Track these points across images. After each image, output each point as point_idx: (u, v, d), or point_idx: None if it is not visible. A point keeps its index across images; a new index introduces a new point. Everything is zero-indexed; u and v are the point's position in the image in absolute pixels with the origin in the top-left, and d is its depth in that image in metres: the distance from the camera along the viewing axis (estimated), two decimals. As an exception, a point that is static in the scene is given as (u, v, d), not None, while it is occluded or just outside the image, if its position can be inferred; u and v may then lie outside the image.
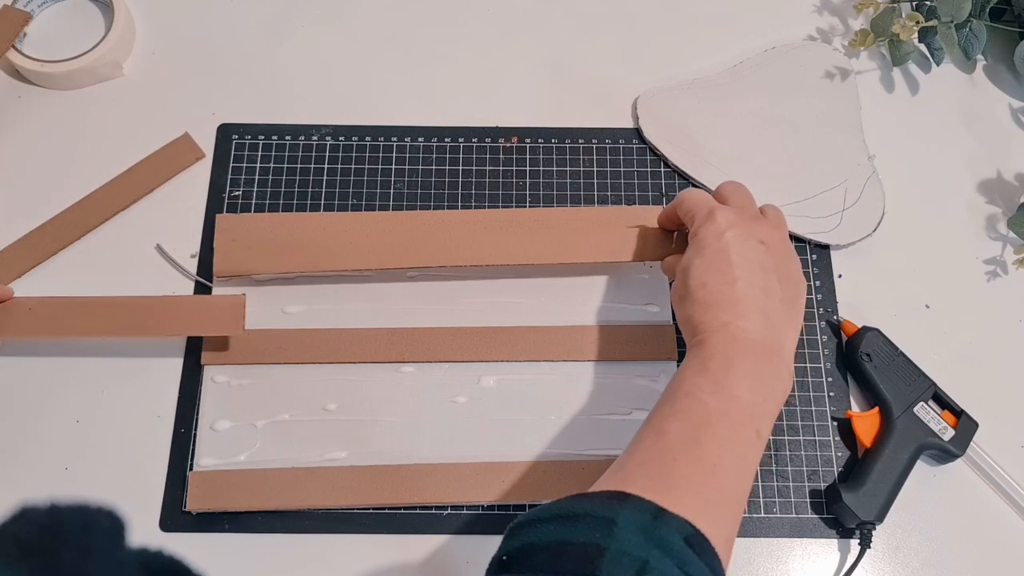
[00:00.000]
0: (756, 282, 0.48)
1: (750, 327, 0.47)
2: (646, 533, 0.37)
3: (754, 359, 0.46)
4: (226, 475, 0.55)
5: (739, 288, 0.48)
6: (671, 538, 0.38)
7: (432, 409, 0.58)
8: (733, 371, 0.45)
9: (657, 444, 0.43)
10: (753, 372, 0.46)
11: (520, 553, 0.38)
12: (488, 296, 0.61)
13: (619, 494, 0.40)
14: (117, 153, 0.65)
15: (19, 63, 0.65)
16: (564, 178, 0.65)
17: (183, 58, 0.69)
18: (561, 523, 0.39)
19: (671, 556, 0.37)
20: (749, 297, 0.48)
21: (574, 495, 0.41)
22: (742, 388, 0.45)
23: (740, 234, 0.50)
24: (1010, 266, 0.63)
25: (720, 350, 0.46)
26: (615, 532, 0.37)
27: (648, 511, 0.39)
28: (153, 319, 0.56)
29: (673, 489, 0.40)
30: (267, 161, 0.65)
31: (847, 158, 0.65)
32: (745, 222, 0.51)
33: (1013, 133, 0.68)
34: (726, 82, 0.68)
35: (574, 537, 0.38)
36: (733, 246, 0.49)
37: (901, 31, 0.65)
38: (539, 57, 0.70)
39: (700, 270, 0.50)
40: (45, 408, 0.57)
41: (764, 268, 0.49)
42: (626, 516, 0.38)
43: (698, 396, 0.44)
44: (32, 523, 0.25)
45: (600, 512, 0.39)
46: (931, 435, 0.55)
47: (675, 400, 0.45)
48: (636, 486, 0.40)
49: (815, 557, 0.55)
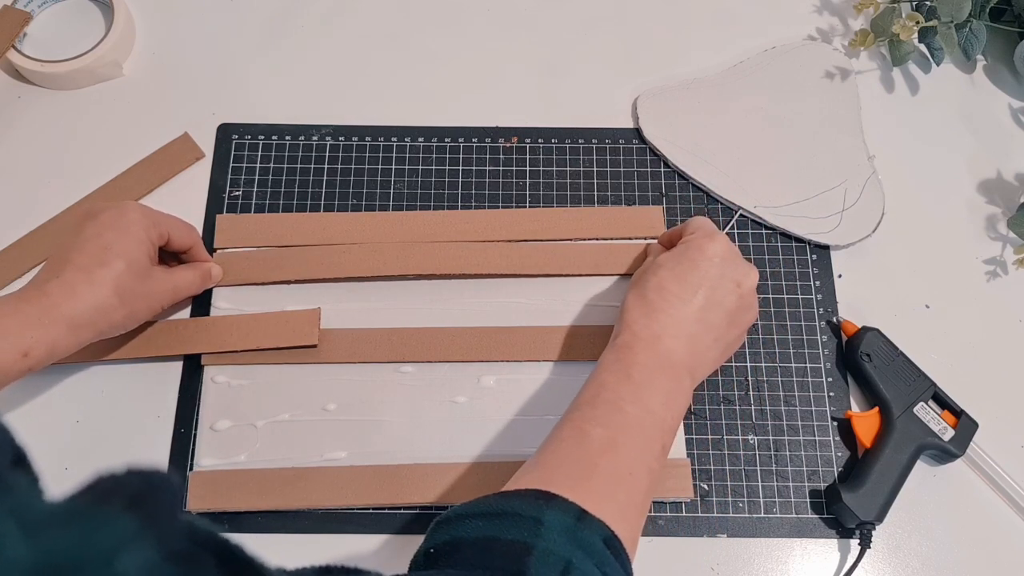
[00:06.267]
0: (708, 315, 0.51)
1: (677, 348, 0.49)
2: (570, 534, 0.39)
3: (672, 378, 0.49)
4: (226, 475, 0.55)
5: (689, 310, 0.50)
6: (592, 539, 0.40)
7: (432, 409, 0.57)
8: (653, 386, 0.48)
9: (578, 446, 0.45)
10: (668, 389, 0.48)
11: (448, 547, 0.40)
12: (488, 296, 0.61)
13: (545, 494, 0.41)
14: (117, 153, 0.65)
15: (19, 63, 0.65)
16: (564, 178, 0.65)
17: (183, 58, 0.69)
18: (489, 520, 0.40)
19: (592, 557, 0.39)
20: (691, 322, 0.50)
21: (500, 492, 0.43)
22: (657, 403, 0.47)
23: (725, 267, 0.52)
24: (1010, 266, 0.63)
25: (644, 361, 0.49)
26: (542, 532, 0.39)
27: (572, 513, 0.40)
28: (238, 334, 0.58)
29: (593, 492, 0.42)
30: (267, 161, 0.65)
31: (847, 158, 0.65)
32: (736, 261, 0.53)
33: (1013, 133, 0.68)
34: (726, 82, 0.68)
35: (502, 534, 0.39)
36: (711, 273, 0.51)
37: (901, 31, 0.65)
38: (539, 57, 0.70)
39: (668, 274, 0.52)
40: (45, 408, 0.57)
41: (723, 307, 0.51)
42: (552, 516, 0.40)
43: (620, 405, 0.47)
44: (123, 481, 0.27)
45: (528, 511, 0.40)
46: (931, 435, 0.55)
47: (597, 404, 0.47)
48: (559, 486, 0.42)
49: (815, 557, 0.55)
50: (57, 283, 0.48)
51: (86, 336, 0.49)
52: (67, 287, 0.48)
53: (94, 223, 0.51)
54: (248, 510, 0.55)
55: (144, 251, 0.52)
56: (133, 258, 0.50)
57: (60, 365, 0.58)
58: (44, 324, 0.46)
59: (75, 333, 0.48)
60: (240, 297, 0.60)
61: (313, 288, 0.60)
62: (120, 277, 0.49)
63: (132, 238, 0.51)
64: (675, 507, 0.56)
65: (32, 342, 0.46)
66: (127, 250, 0.50)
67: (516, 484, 0.44)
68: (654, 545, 0.55)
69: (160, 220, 0.54)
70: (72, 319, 0.47)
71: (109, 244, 0.50)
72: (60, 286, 0.48)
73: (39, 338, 0.46)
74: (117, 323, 0.50)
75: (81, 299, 0.48)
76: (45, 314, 0.47)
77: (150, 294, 0.52)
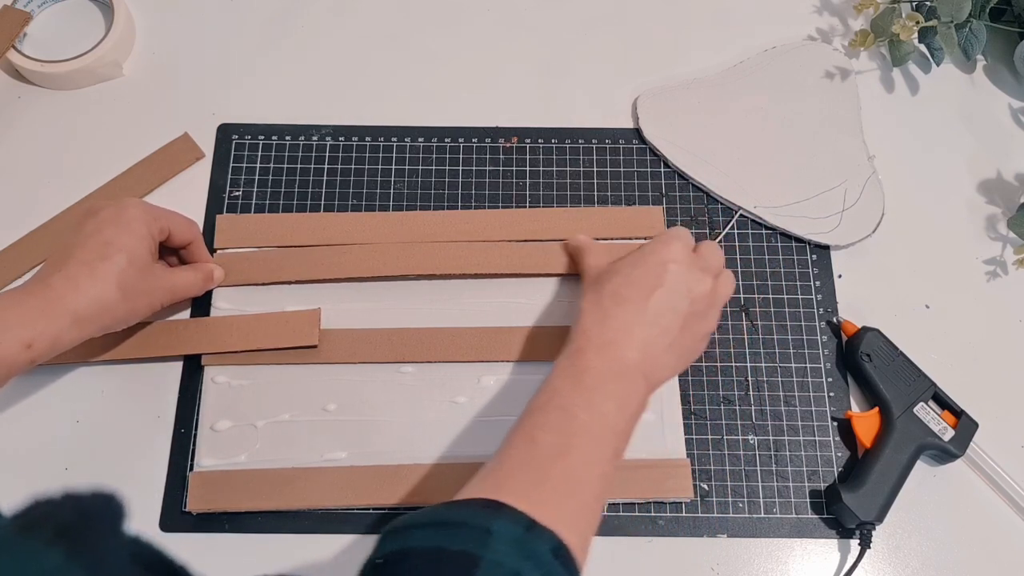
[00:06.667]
0: (661, 321, 0.50)
1: (630, 353, 0.49)
2: (519, 545, 0.39)
3: (625, 382, 0.48)
4: (226, 475, 0.55)
5: (642, 316, 0.50)
6: (541, 550, 0.40)
7: (432, 409, 0.57)
8: (606, 391, 0.47)
9: (529, 453, 0.45)
10: (622, 394, 0.48)
11: (396, 557, 0.40)
12: (488, 296, 0.61)
13: (494, 503, 0.41)
14: (117, 153, 0.65)
15: (19, 63, 0.65)
16: (564, 178, 0.65)
17: (183, 58, 0.69)
18: (438, 530, 0.40)
19: (540, 568, 0.39)
20: (644, 327, 0.50)
21: (450, 501, 0.42)
22: (611, 408, 0.47)
23: (679, 274, 0.51)
24: (1010, 266, 0.63)
25: (596, 367, 0.48)
26: (490, 543, 0.39)
27: (521, 523, 0.40)
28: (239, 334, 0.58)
29: (544, 501, 0.42)
30: (267, 161, 0.65)
31: (847, 158, 0.65)
32: (691, 268, 0.52)
33: (1013, 133, 0.68)
34: (726, 82, 0.68)
35: (451, 544, 0.39)
36: (664, 278, 0.51)
37: (901, 31, 0.65)
38: (539, 57, 0.70)
39: (622, 279, 0.52)
40: (45, 408, 0.57)
41: (676, 312, 0.51)
42: (501, 527, 0.40)
43: (572, 411, 0.46)
44: (57, 507, 0.27)
45: (476, 521, 0.40)
46: (931, 435, 0.55)
47: (549, 410, 0.47)
48: (509, 494, 0.42)
49: (815, 557, 0.55)
50: (60, 277, 0.48)
51: (89, 330, 0.49)
52: (70, 281, 0.48)
53: (94, 220, 0.51)
54: (248, 510, 0.55)
55: (145, 246, 0.52)
56: (134, 253, 0.51)
57: (60, 365, 0.58)
58: (48, 316, 0.47)
59: (78, 326, 0.48)
60: (240, 297, 0.60)
61: (313, 288, 0.60)
62: (122, 271, 0.50)
63: (133, 233, 0.51)
64: (675, 507, 0.56)
65: (36, 334, 0.46)
66: (128, 245, 0.51)
67: (467, 493, 0.44)
68: (654, 545, 0.55)
69: (160, 215, 0.54)
70: (75, 312, 0.48)
71: (110, 239, 0.50)
72: (63, 280, 0.48)
73: (42, 330, 0.46)
74: (119, 317, 0.51)
75: (84, 292, 0.48)
76: (48, 307, 0.47)
77: (151, 290, 0.53)
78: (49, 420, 0.57)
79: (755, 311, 0.61)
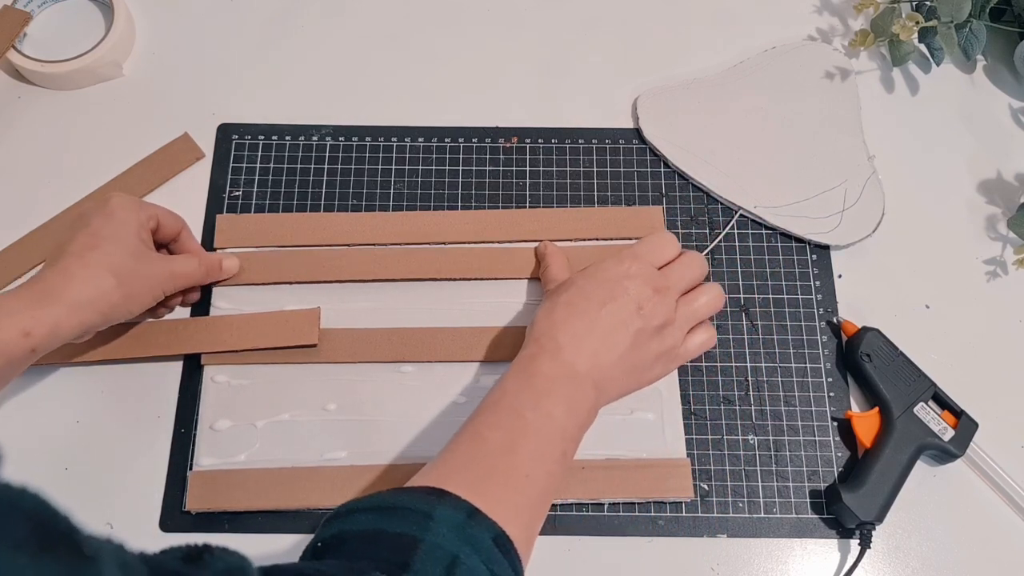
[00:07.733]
0: (611, 334, 0.50)
1: (579, 361, 0.49)
2: (459, 530, 0.40)
3: (575, 387, 0.49)
4: (226, 475, 0.55)
5: (592, 327, 0.50)
6: (481, 537, 0.40)
7: (432, 409, 0.57)
8: (555, 395, 0.48)
9: (477, 449, 0.46)
10: (571, 398, 0.49)
11: (335, 540, 0.40)
12: (488, 296, 0.61)
13: (437, 491, 0.42)
14: (117, 153, 0.65)
15: (19, 63, 0.65)
16: (564, 178, 0.65)
17: (183, 58, 0.69)
18: (379, 514, 0.41)
19: (479, 554, 0.40)
20: (593, 338, 0.50)
21: (393, 488, 0.43)
22: (559, 411, 0.48)
23: (633, 289, 0.51)
24: (1010, 266, 0.63)
25: (547, 371, 0.49)
26: (431, 526, 0.39)
27: (463, 510, 0.41)
28: (238, 333, 0.58)
29: (488, 493, 0.43)
30: (267, 161, 0.65)
31: (847, 158, 0.65)
32: (646, 285, 0.52)
33: (1013, 133, 0.68)
34: (726, 82, 0.68)
35: (390, 527, 0.39)
36: (615, 292, 0.51)
37: (901, 31, 0.65)
38: (539, 57, 0.70)
39: (576, 291, 0.52)
40: (45, 408, 0.57)
41: (626, 328, 0.51)
42: (442, 512, 0.40)
43: (520, 411, 0.47)
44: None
45: (418, 506, 0.41)
46: (931, 435, 0.55)
47: (497, 411, 0.48)
48: (454, 484, 0.42)
49: (815, 557, 0.55)
50: (53, 270, 0.49)
51: (88, 318, 0.49)
52: (63, 272, 0.49)
53: (81, 218, 0.53)
54: (248, 510, 0.55)
55: (132, 231, 0.52)
56: (122, 239, 0.52)
57: (60, 365, 0.58)
58: (44, 305, 0.47)
59: (76, 314, 0.49)
60: (240, 297, 0.60)
61: (313, 288, 0.60)
62: (112, 256, 0.50)
63: (117, 220, 0.52)
64: (675, 507, 0.56)
65: (33, 322, 0.47)
66: (115, 232, 0.51)
67: (412, 483, 0.44)
68: (654, 545, 0.55)
69: (145, 204, 0.55)
70: (71, 300, 0.48)
71: (97, 230, 0.51)
72: (56, 272, 0.49)
73: (40, 318, 0.47)
74: (117, 304, 0.51)
75: (78, 280, 0.49)
76: (44, 296, 0.48)
77: (148, 275, 0.53)
78: (49, 420, 0.57)
79: (755, 311, 0.61)
